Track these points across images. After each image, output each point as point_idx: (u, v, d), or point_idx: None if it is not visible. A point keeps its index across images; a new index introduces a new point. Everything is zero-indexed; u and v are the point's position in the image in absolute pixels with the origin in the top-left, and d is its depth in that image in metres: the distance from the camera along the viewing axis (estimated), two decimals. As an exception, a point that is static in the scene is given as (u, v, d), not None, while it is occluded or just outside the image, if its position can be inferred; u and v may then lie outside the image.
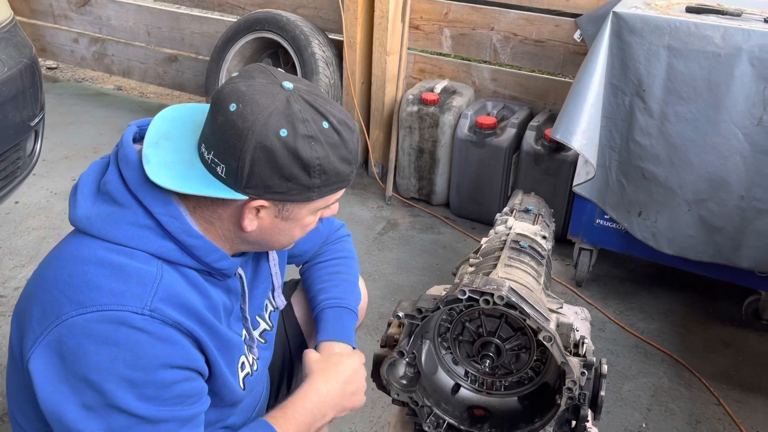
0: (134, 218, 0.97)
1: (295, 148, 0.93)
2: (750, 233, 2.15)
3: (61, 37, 4.45)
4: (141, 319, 0.92)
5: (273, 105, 0.94)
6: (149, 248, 0.97)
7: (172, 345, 0.95)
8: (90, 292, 0.92)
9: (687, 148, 2.13)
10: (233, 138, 0.93)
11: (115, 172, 1.00)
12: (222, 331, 1.05)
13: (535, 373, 1.59)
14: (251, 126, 0.92)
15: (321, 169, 0.97)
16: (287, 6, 3.49)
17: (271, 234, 1.04)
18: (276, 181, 0.95)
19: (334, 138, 0.97)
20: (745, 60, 1.98)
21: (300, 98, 0.96)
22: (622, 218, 2.35)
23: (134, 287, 0.93)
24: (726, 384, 2.16)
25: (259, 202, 0.98)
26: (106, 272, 0.94)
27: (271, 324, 1.27)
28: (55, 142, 3.60)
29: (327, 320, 1.32)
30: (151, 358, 0.93)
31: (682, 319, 2.45)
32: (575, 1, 2.82)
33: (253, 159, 0.93)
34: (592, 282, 2.63)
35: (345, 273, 1.41)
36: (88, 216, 0.98)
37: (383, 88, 3.17)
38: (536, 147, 2.76)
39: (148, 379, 0.92)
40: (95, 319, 0.91)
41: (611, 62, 2.17)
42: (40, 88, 2.07)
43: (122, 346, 0.91)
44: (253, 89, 0.95)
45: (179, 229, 0.98)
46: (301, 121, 0.94)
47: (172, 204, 0.98)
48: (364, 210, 3.12)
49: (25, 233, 2.80)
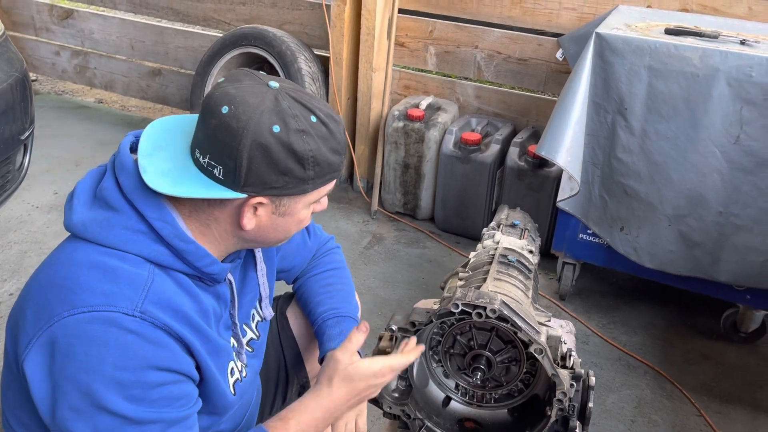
0: (128, 223, 0.99)
1: (289, 143, 0.97)
2: (728, 248, 2.21)
3: (42, 50, 4.42)
4: (131, 320, 0.93)
5: (263, 104, 0.97)
6: (142, 252, 0.99)
7: (160, 347, 0.96)
8: (82, 294, 0.94)
9: (667, 165, 2.19)
10: (228, 138, 0.96)
11: (111, 179, 1.03)
12: (212, 336, 1.07)
13: (524, 385, 1.61)
14: (245, 125, 0.96)
15: (314, 161, 1.00)
16: (273, 22, 3.52)
17: (268, 231, 1.07)
18: (273, 176, 0.98)
19: (323, 131, 1.01)
20: (723, 81, 2.05)
21: (287, 95, 1.00)
22: (604, 233, 2.40)
23: (125, 289, 0.95)
24: (706, 395, 2.21)
25: (258, 199, 1.00)
26: (98, 274, 0.95)
27: (257, 333, 1.28)
28: (36, 156, 3.52)
29: (329, 332, 1.33)
30: (139, 359, 0.94)
31: (663, 332, 2.50)
32: (557, 21, 2.89)
33: (250, 157, 0.96)
34: (575, 296, 2.68)
35: (339, 283, 1.42)
36: (83, 221, 1.00)
37: (369, 103, 3.20)
38: (520, 163, 2.81)
39: (136, 380, 0.93)
40: (86, 320, 0.92)
41: (594, 81, 2.22)
42: (31, 102, 2.06)
43: (111, 346, 0.92)
44: (243, 91, 0.99)
45: (172, 233, 1.00)
46: (292, 117, 0.98)
47: (166, 209, 1.01)
48: (349, 224, 3.14)
49: (7, 247, 2.76)
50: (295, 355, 1.46)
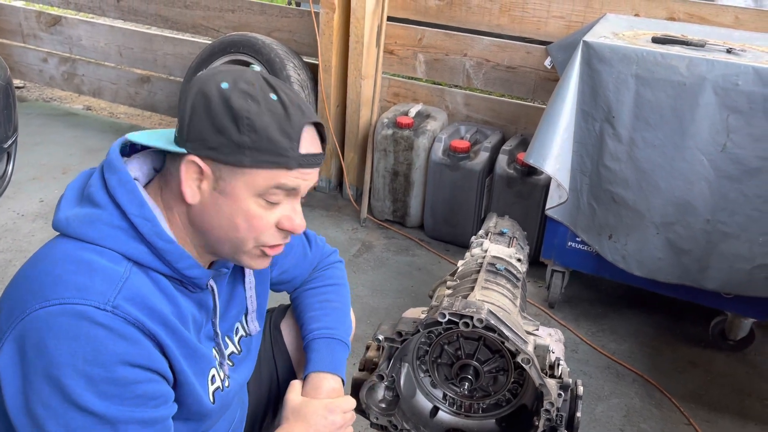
0: (109, 219, 0.99)
1: (228, 98, 0.97)
2: (716, 256, 2.22)
3: (29, 57, 4.39)
4: (102, 314, 0.92)
5: (228, 69, 1.02)
6: (120, 249, 0.98)
7: (132, 343, 0.94)
8: (55, 286, 0.93)
9: (655, 173, 2.20)
10: (184, 90, 1.02)
11: (98, 177, 1.03)
12: (189, 339, 1.04)
13: (512, 395, 1.60)
14: (200, 77, 1.01)
15: (251, 126, 0.96)
16: (262, 29, 3.51)
17: (211, 212, 1.02)
18: (209, 134, 0.97)
19: (277, 109, 0.99)
20: (709, 89, 2.06)
21: (260, 75, 1.02)
22: (593, 241, 2.40)
23: (99, 283, 0.94)
24: (695, 404, 2.20)
25: (195, 158, 0.98)
26: (72, 268, 0.95)
27: (239, 348, 1.25)
28: (23, 163, 3.52)
29: (317, 351, 1.30)
30: (111, 354, 0.91)
31: (652, 340, 2.50)
32: (545, 29, 2.90)
33: (193, 105, 0.98)
34: (564, 304, 2.67)
35: (336, 301, 1.39)
36: (66, 217, 1.00)
37: (358, 111, 3.20)
38: (509, 170, 2.81)
39: (108, 376, 0.91)
40: (57, 313, 0.91)
41: (582, 89, 2.23)
42: (14, 109, 2.03)
43: (82, 340, 0.90)
44: (225, 67, 1.05)
45: (151, 231, 0.99)
46: (246, 82, 0.99)
47: (147, 207, 1.00)
48: (338, 232, 3.12)
49: (-8, 255, 2.73)
50: (288, 370, 1.44)
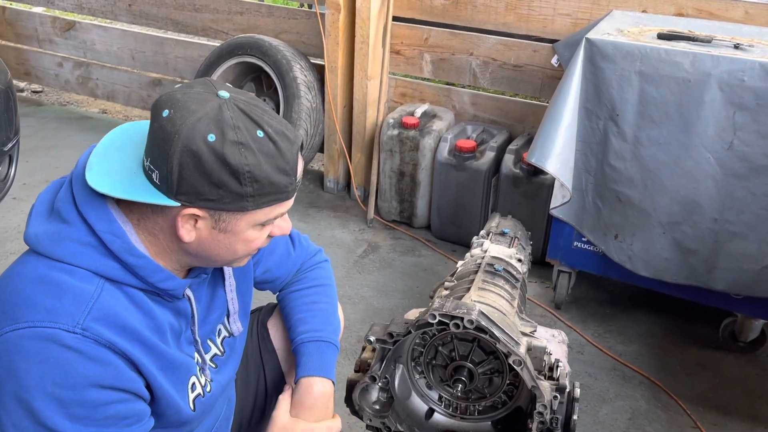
0: (77, 235, 0.97)
1: (222, 154, 0.93)
2: (723, 256, 2.17)
3: (45, 61, 4.46)
4: (72, 337, 0.92)
5: (203, 111, 0.94)
6: (91, 266, 0.97)
7: (103, 365, 0.94)
8: (25, 309, 0.92)
9: (660, 172, 2.16)
10: (162, 142, 0.94)
11: (67, 191, 1.01)
12: (166, 352, 1.04)
13: (508, 397, 1.59)
14: (178, 129, 0.93)
15: (252, 177, 0.95)
16: (270, 31, 3.53)
17: (210, 247, 1.03)
18: (206, 187, 0.95)
19: (269, 147, 0.96)
20: (715, 86, 2.02)
21: (234, 107, 0.96)
22: (598, 241, 2.37)
23: (68, 305, 0.93)
24: (703, 407, 2.16)
25: (192, 210, 0.97)
26: (42, 289, 0.94)
27: (222, 349, 1.25)
28: (36, 166, 3.59)
29: (307, 354, 1.30)
30: (80, 377, 0.92)
31: (660, 342, 2.46)
32: (552, 27, 2.87)
33: (181, 163, 0.93)
34: (571, 304, 2.64)
35: (323, 302, 1.39)
36: (36, 233, 0.99)
37: (364, 111, 3.19)
38: (515, 170, 2.78)
39: (78, 399, 0.92)
40: (27, 336, 0.91)
41: (585, 87, 2.20)
42: (15, 113, 2.07)
43: (52, 363, 0.91)
44: (188, 96, 0.96)
45: (121, 248, 0.98)
46: (232, 128, 0.94)
47: (116, 222, 0.98)
48: (345, 233, 3.12)
49: (3, 258, 2.77)
50: (275, 367, 1.44)
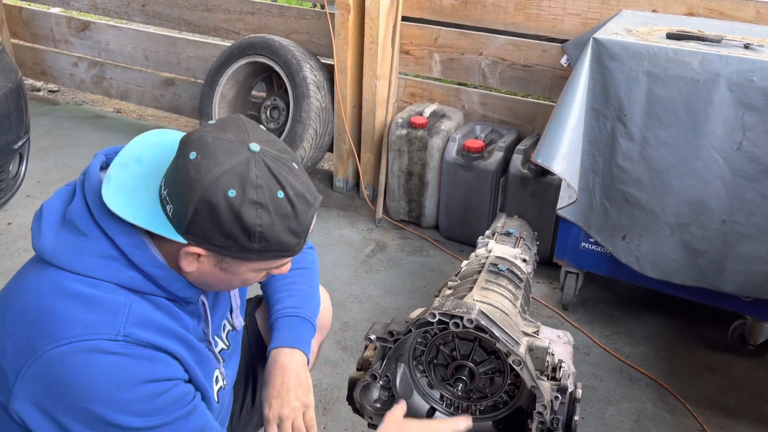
0: (99, 249, 0.98)
1: (239, 212, 0.94)
2: (732, 257, 2.15)
3: (61, 61, 4.52)
4: (115, 344, 0.94)
5: (230, 164, 0.94)
6: (114, 279, 0.98)
7: (151, 361, 0.97)
8: (61, 325, 0.94)
9: (668, 173, 2.14)
10: (183, 185, 0.95)
11: (80, 201, 1.01)
12: (199, 346, 1.08)
13: (509, 397, 1.58)
14: (201, 179, 0.93)
15: (262, 236, 0.97)
16: (281, 31, 3.55)
17: (210, 279, 1.05)
18: (216, 235, 0.96)
19: (286, 209, 0.97)
20: (724, 86, 2.00)
21: (262, 163, 0.96)
22: (606, 242, 2.36)
23: (103, 316, 0.95)
24: (710, 410, 2.14)
25: (197, 249, 0.98)
26: (74, 304, 0.95)
27: (228, 343, 1.29)
28: (50, 164, 3.64)
29: (280, 329, 1.33)
30: (132, 377, 0.95)
31: (668, 344, 2.44)
32: (561, 27, 2.86)
33: (197, 210, 0.94)
34: (578, 305, 2.63)
35: (302, 283, 1.41)
36: (54, 247, 0.98)
37: (373, 111, 3.20)
38: (523, 170, 2.78)
39: (136, 397, 0.95)
40: (70, 352, 0.93)
41: (592, 87, 2.19)
42: (26, 111, 2.10)
43: (102, 372, 0.93)
44: (218, 143, 0.96)
45: (144, 260, 1.00)
46: (254, 187, 0.94)
47: (137, 235, 1.00)
48: (353, 232, 3.13)
49: (16, 254, 2.81)
50: (262, 355, 1.46)
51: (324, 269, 2.79)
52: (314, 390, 1.36)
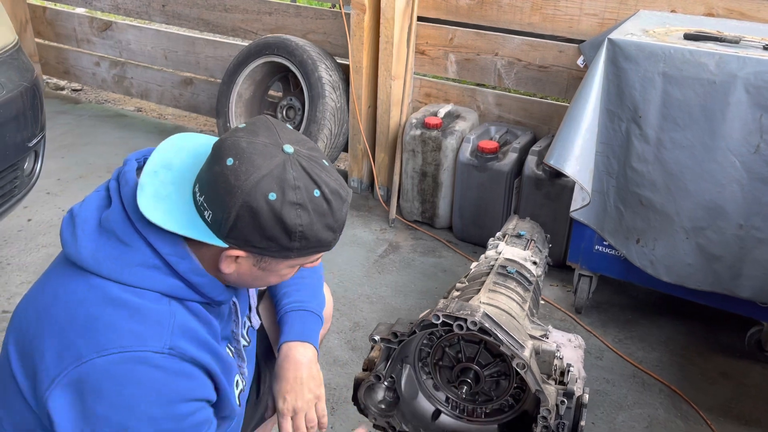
0: (142, 259, 0.99)
1: (280, 214, 0.96)
2: (749, 262, 2.11)
3: (83, 60, 4.59)
4: (160, 357, 0.96)
5: (268, 168, 0.96)
6: (158, 287, 1.00)
7: (189, 379, 1.00)
8: (109, 334, 0.95)
9: (683, 175, 2.11)
10: (223, 191, 0.96)
11: (119, 210, 1.01)
12: (226, 356, 1.11)
13: (515, 400, 1.57)
14: (242, 185, 0.95)
15: (302, 235, 0.99)
16: (298, 31, 3.56)
17: (248, 278, 1.08)
18: (257, 238, 0.98)
19: (323, 207, 0.99)
20: (741, 87, 1.96)
21: (297, 164, 0.98)
22: (620, 245, 2.33)
23: (152, 327, 0.97)
24: (724, 417, 2.10)
25: (237, 252, 1.00)
26: (122, 313, 0.97)
27: (249, 339, 1.32)
28: (71, 162, 3.70)
29: (290, 323, 1.35)
30: (171, 394, 0.97)
31: (683, 349, 2.40)
32: (578, 27, 2.83)
33: (238, 215, 0.96)
34: (592, 309, 2.60)
35: (308, 278, 1.42)
36: (95, 257, 0.99)
37: (388, 111, 3.20)
38: (537, 172, 2.75)
39: (168, 414, 0.97)
40: (117, 361, 0.94)
41: (607, 88, 2.16)
42: (41, 110, 2.14)
43: (145, 384, 0.95)
44: (253, 147, 0.97)
45: (188, 269, 1.02)
46: (292, 188, 0.96)
47: (178, 244, 1.01)
48: (366, 232, 3.13)
49: (35, 250, 2.87)
50: (266, 349, 1.48)
51: (336, 269, 2.80)
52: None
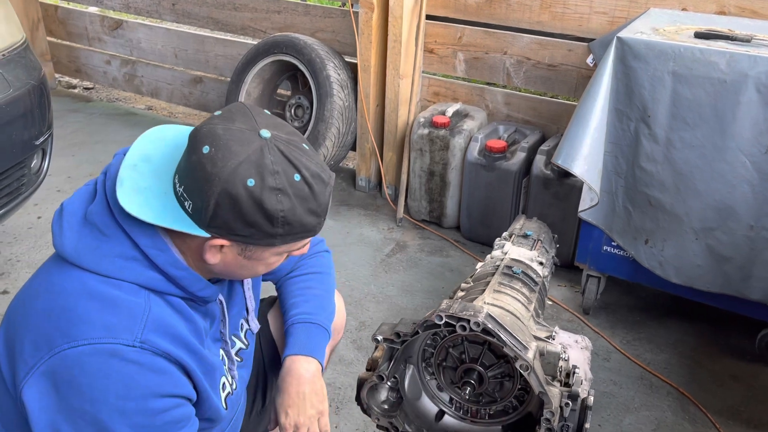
0: (121, 250, 0.99)
1: (260, 199, 0.95)
2: (760, 264, 2.08)
3: (95, 59, 4.62)
4: (132, 351, 0.95)
5: (245, 153, 0.95)
6: (137, 280, 1.00)
7: (161, 374, 0.98)
8: (82, 326, 0.95)
9: (693, 176, 2.08)
10: (201, 180, 0.95)
11: (102, 202, 1.02)
12: (207, 356, 1.08)
13: (519, 402, 1.56)
14: (219, 172, 0.94)
15: (285, 221, 0.98)
16: (306, 30, 3.56)
17: (235, 268, 1.07)
18: (239, 225, 0.97)
19: (304, 191, 0.98)
20: (752, 86, 1.93)
21: (275, 148, 0.96)
22: (628, 245, 2.30)
23: (125, 320, 0.96)
24: (733, 420, 2.07)
25: (221, 241, 0.99)
26: (96, 305, 0.96)
27: (246, 342, 1.30)
28: (81, 160, 3.72)
29: (295, 335, 1.33)
30: (142, 388, 0.95)
31: (692, 351, 2.37)
32: (588, 25, 2.80)
33: (217, 203, 0.95)
34: (600, 310, 2.58)
35: (317, 288, 1.41)
36: (75, 248, 0.99)
37: (396, 110, 3.19)
38: (546, 171, 2.73)
39: (140, 409, 0.95)
40: (87, 353, 0.94)
41: (616, 87, 2.14)
42: (48, 108, 2.15)
43: (114, 378, 0.94)
44: (229, 134, 0.96)
45: (166, 262, 1.01)
46: (271, 173, 0.95)
47: (158, 236, 1.01)
48: (374, 231, 3.12)
49: (44, 248, 2.88)
50: (274, 357, 1.47)
51: (343, 268, 2.80)
52: (327, 389, 1.37)
